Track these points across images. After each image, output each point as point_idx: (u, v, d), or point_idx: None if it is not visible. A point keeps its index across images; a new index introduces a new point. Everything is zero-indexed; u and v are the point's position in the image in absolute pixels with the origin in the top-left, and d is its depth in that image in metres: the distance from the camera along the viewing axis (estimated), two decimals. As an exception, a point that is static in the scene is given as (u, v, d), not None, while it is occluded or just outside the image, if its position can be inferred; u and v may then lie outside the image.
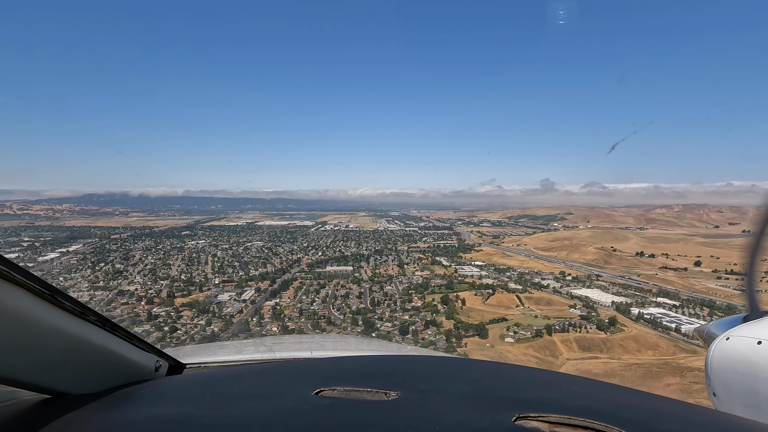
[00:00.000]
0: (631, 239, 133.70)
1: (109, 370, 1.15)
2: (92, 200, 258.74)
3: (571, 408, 0.87)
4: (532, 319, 55.09)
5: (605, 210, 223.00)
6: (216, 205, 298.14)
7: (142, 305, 63.62)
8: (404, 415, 0.86)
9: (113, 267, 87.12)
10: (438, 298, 62.52)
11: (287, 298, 66.79)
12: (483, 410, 0.88)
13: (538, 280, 79.82)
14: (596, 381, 1.15)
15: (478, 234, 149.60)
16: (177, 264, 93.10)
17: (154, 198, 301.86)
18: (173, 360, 1.52)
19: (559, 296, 67.80)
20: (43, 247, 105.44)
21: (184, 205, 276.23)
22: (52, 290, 0.89)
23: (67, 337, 0.95)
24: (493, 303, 61.84)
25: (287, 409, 0.90)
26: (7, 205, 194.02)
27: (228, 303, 64.68)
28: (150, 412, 0.95)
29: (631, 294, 71.52)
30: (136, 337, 1.24)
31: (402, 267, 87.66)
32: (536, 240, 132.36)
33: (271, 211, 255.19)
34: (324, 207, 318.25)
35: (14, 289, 0.79)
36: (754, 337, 1.08)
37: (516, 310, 59.98)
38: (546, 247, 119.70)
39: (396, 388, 1.00)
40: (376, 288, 70.99)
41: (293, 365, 1.41)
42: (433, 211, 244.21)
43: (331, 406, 0.91)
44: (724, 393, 1.14)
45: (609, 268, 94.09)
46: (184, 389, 1.15)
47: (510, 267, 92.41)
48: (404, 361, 1.42)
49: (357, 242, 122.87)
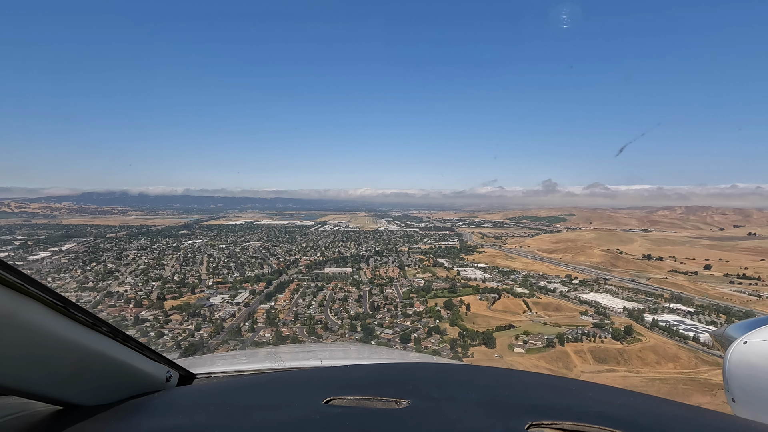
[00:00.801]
0: (636, 241, 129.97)
1: (120, 381, 1.16)
2: (92, 198, 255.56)
3: (585, 415, 0.85)
4: (542, 326, 51.35)
5: (607, 211, 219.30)
6: (216, 204, 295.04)
7: (129, 308, 59.98)
8: (416, 423, 0.85)
9: (105, 267, 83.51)
10: (441, 302, 58.83)
11: (283, 301, 63.12)
12: (496, 417, 0.87)
13: (544, 284, 76.09)
14: (610, 387, 1.13)
15: (480, 235, 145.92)
16: (171, 264, 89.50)
17: (153, 197, 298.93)
18: (184, 370, 1.51)
19: (567, 301, 64.07)
20: (36, 245, 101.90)
21: (183, 204, 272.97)
22: (65, 302, 0.90)
23: (80, 348, 0.95)
24: (499, 308, 58.13)
25: (298, 419, 0.90)
26: (5, 203, 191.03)
27: (220, 306, 61.02)
28: (161, 422, 0.95)
29: (642, 299, 67.75)
30: (147, 348, 1.25)
31: (403, 269, 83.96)
32: (539, 241, 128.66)
33: (271, 210, 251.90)
34: (324, 207, 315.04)
35: (28, 302, 0.80)
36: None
37: (523, 316, 56.27)
38: (550, 249, 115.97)
39: (407, 396, 0.99)
40: (376, 291, 67.31)
41: (303, 374, 1.39)
42: (433, 212, 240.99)
43: (342, 415, 0.90)
44: (744, 398, 1.11)
45: (616, 271, 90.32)
46: (195, 400, 1.14)
47: (514, 269, 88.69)
48: (415, 368, 1.40)
49: (357, 243, 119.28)
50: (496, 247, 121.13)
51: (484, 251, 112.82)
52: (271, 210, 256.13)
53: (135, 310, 59.24)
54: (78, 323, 0.95)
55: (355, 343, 33.36)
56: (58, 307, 0.88)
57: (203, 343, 47.06)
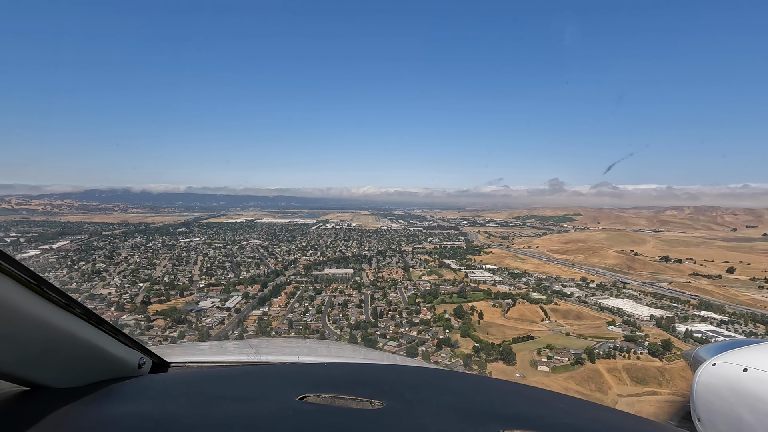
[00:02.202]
0: (649, 242, 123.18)
1: (91, 364, 1.12)
2: (94, 196, 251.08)
3: (555, 426, 0.85)
4: (564, 338, 45.05)
5: (614, 211, 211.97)
6: (218, 202, 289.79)
7: (111, 311, 54.32)
8: (388, 424, 0.85)
9: (93, 266, 77.96)
10: (450, 308, 52.60)
11: (277, 306, 57.12)
12: (468, 423, 0.86)
13: (559, 288, 69.72)
14: (583, 400, 1.14)
15: (486, 235, 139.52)
16: (164, 264, 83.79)
17: (156, 194, 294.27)
18: (158, 358, 1.46)
19: (587, 308, 57.68)
20: (28, 243, 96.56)
21: (186, 201, 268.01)
22: (39, 280, 0.87)
23: (51, 328, 0.92)
24: (515, 316, 51.88)
25: (270, 414, 0.88)
26: (6, 200, 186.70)
27: (209, 311, 55.14)
28: (130, 409, 0.93)
29: (668, 306, 61.23)
30: (121, 333, 1.21)
31: (407, 270, 77.77)
32: (548, 242, 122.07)
33: (273, 208, 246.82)
34: (326, 205, 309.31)
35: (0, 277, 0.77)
36: (740, 364, 1.09)
37: (542, 325, 49.99)
38: (560, 250, 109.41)
39: (382, 397, 0.98)
40: (379, 295, 61.20)
41: (279, 369, 1.37)
42: (437, 211, 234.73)
43: (315, 413, 0.89)
44: (708, 418, 1.14)
45: (634, 273, 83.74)
46: (167, 388, 1.12)
47: (525, 271, 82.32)
48: (391, 370, 1.40)
49: (359, 242, 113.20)
50: (504, 248, 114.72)
51: (491, 252, 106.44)
52: (273, 208, 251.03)
53: (116, 314, 53.52)
54: (50, 302, 0.92)
55: (333, 341, 32.17)
56: (31, 284, 0.85)
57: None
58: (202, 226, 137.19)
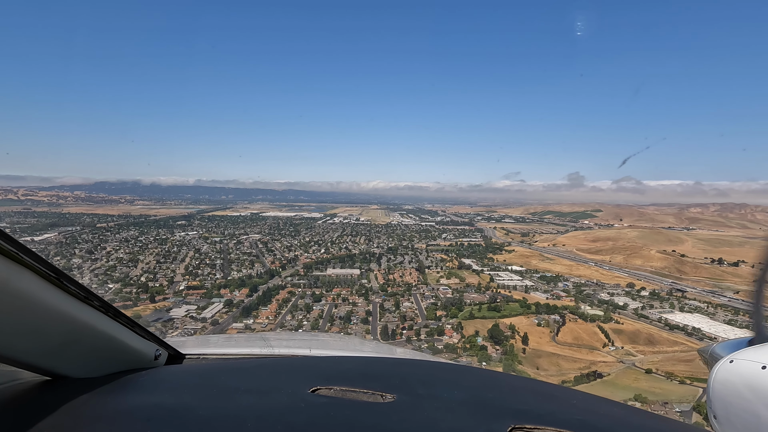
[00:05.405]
0: (686, 241, 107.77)
1: (109, 355, 1.13)
2: (104, 188, 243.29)
3: (567, 422, 0.83)
4: (647, 376, 31.69)
5: (636, 208, 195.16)
6: (227, 195, 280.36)
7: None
8: (399, 418, 0.84)
9: (68, 262, 67.04)
10: (482, 327, 39.57)
11: (265, 317, 44.81)
12: (479, 418, 0.85)
13: (606, 296, 56.06)
14: (595, 396, 1.12)
15: (503, 231, 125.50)
16: (148, 260, 72.36)
17: (165, 187, 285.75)
18: (173, 350, 1.47)
19: (652, 326, 44.02)
20: (11, 234, 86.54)
21: (195, 194, 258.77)
22: (59, 274, 0.87)
23: (71, 320, 0.93)
24: (568, 339, 38.65)
25: (283, 406, 0.88)
26: (12, 191, 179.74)
27: (179, 321, 43.12)
28: (147, 399, 0.93)
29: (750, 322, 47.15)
30: (138, 325, 1.22)
31: (422, 272, 64.77)
32: (574, 240, 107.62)
33: (281, 202, 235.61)
34: (335, 199, 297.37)
35: (22, 271, 0.78)
36: (759, 361, 1.05)
37: (606, 354, 36.72)
38: (591, 249, 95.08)
39: (393, 390, 0.97)
40: (390, 304, 48.43)
41: (292, 362, 1.37)
42: (448, 206, 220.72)
43: (327, 405, 0.89)
44: (725, 416, 1.10)
45: (687, 279, 69.34)
46: (182, 379, 1.12)
47: (558, 274, 68.60)
48: (403, 364, 1.38)
49: (367, 237, 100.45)
50: (526, 246, 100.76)
51: (513, 250, 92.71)
52: (281, 201, 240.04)
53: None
54: (70, 295, 0.93)
55: (345, 334, 29.64)
56: (52, 278, 0.86)
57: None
58: (204, 219, 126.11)
